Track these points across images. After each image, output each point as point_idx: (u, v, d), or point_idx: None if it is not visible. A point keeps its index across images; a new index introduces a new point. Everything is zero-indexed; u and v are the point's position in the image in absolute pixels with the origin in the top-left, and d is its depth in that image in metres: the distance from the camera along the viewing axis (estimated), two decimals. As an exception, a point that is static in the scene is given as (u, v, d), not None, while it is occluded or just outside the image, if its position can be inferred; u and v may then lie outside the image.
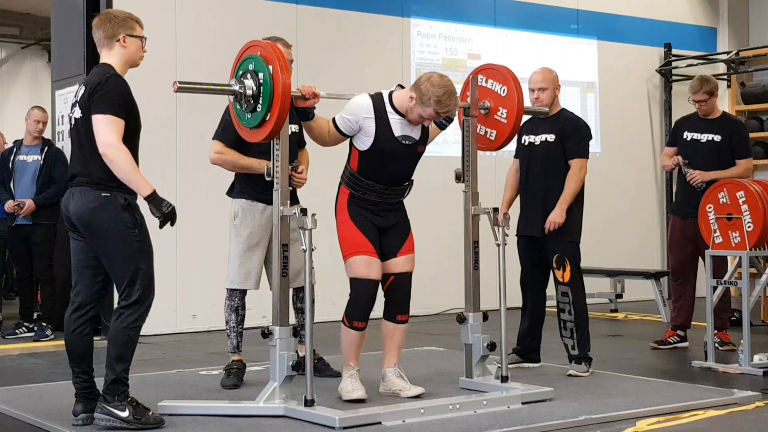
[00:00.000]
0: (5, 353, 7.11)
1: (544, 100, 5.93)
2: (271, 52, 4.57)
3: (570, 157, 5.88)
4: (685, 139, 7.01)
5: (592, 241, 10.56)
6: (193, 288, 8.17)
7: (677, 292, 7.14)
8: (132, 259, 4.40)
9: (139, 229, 4.43)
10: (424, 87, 4.87)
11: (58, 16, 8.69)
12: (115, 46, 4.54)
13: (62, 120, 8.35)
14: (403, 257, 5.16)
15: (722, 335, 6.87)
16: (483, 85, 5.59)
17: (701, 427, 4.58)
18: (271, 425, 4.52)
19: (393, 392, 5.11)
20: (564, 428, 4.53)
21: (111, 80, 4.44)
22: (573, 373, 5.75)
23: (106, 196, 4.38)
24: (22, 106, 14.17)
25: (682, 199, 7.00)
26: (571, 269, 5.82)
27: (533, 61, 9.79)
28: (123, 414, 4.33)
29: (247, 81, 4.62)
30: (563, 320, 5.87)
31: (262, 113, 4.58)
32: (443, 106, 4.87)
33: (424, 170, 9.20)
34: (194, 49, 8.11)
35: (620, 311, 9.42)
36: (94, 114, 4.39)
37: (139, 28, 4.60)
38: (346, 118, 5.00)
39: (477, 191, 5.47)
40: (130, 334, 4.41)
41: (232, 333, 5.53)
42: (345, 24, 9.17)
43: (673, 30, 11.47)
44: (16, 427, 4.72)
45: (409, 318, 5.22)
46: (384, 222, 5.13)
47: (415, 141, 5.09)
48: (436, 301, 9.27)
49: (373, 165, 5.02)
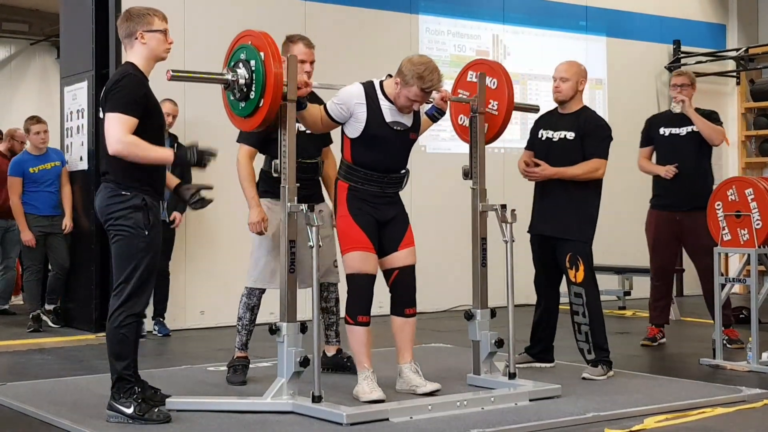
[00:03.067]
0: (13, 349, 7.13)
1: (563, 91, 5.82)
2: (263, 40, 4.61)
3: (589, 157, 5.73)
4: (663, 134, 7.02)
5: (600, 239, 10.49)
6: (201, 285, 8.19)
7: (659, 292, 7.14)
8: (133, 258, 4.46)
9: (150, 231, 4.48)
10: (405, 68, 4.96)
11: (67, 13, 8.71)
12: (135, 44, 4.60)
13: (71, 116, 8.37)
14: (404, 251, 5.18)
15: (730, 332, 6.85)
16: (474, 81, 5.58)
17: (709, 425, 4.57)
18: (278, 421, 4.53)
19: (410, 388, 5.09)
20: (572, 425, 4.52)
21: (124, 80, 4.49)
22: (587, 376, 5.58)
23: (125, 195, 4.47)
24: (32, 102, 14.27)
25: (665, 192, 6.99)
26: (585, 269, 5.71)
27: (542, 57, 9.83)
28: (128, 410, 4.42)
29: (239, 70, 4.66)
30: (577, 323, 5.72)
31: (255, 100, 4.62)
32: (426, 81, 4.92)
33: (431, 166, 9.28)
34: (202, 44, 8.10)
35: (628, 308, 9.41)
36: (106, 113, 4.46)
37: (158, 21, 4.60)
38: (338, 104, 5.05)
39: (485, 188, 5.47)
40: (124, 332, 4.45)
41: (243, 330, 5.54)
42: (353, 20, 9.16)
43: (682, 27, 11.44)
44: (24, 422, 4.73)
45: (416, 311, 5.22)
46: (383, 215, 5.14)
47: (407, 127, 5.13)
48: (443, 297, 9.26)
49: (367, 152, 5.05)
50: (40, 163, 8.22)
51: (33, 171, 8.20)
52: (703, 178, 6.96)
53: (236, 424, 4.49)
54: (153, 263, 4.53)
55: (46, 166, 8.23)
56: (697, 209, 6.68)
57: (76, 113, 8.27)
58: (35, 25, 15.30)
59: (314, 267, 4.64)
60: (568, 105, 5.87)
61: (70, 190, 8.24)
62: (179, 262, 8.04)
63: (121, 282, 4.48)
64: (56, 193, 8.24)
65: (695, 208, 6.73)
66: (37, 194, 8.19)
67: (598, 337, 5.69)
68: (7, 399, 5.11)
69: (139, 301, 4.51)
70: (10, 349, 7.11)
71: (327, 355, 5.84)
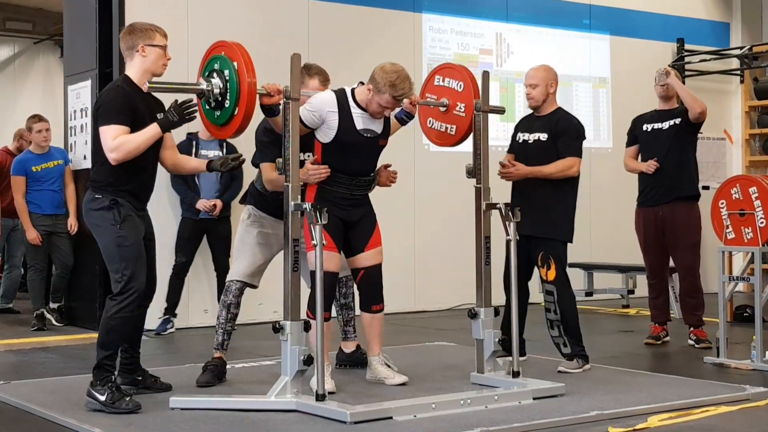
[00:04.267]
0: (18, 347, 7.15)
1: (535, 96, 5.95)
2: (235, 50, 4.69)
3: (562, 156, 5.83)
4: (645, 130, 7.05)
5: (604, 237, 10.59)
6: (204, 283, 8.19)
7: (655, 290, 7.17)
8: (115, 254, 4.75)
9: (122, 226, 4.74)
10: (378, 75, 5.09)
11: (71, 12, 8.71)
12: (135, 57, 4.87)
13: (74, 115, 8.38)
14: (371, 251, 5.36)
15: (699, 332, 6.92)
16: (441, 85, 5.70)
17: (713, 423, 4.57)
18: (282, 420, 4.54)
19: (378, 380, 5.32)
20: (575, 424, 4.52)
21: (110, 93, 4.82)
22: (563, 369, 5.71)
23: (98, 198, 4.81)
24: (35, 101, 14.29)
25: (647, 188, 7.01)
26: (556, 268, 5.79)
27: (545, 56, 9.79)
28: (101, 398, 4.65)
29: (213, 80, 4.74)
30: (549, 319, 5.85)
31: (230, 109, 4.68)
32: (398, 89, 5.06)
33: (434, 164, 9.29)
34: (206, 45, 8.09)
35: (632, 307, 9.41)
36: (99, 128, 4.76)
37: (159, 37, 4.91)
38: (310, 111, 5.15)
39: (488, 186, 5.47)
40: (113, 324, 4.70)
41: (220, 329, 5.48)
42: (357, 19, 9.16)
43: (686, 25, 11.43)
44: (28, 420, 4.74)
45: (383, 306, 5.40)
46: (350, 216, 5.28)
47: (376, 135, 5.28)
48: (447, 296, 9.27)
49: (337, 157, 5.19)
50: (43, 161, 8.22)
51: (36, 169, 8.19)
52: (687, 170, 6.97)
53: (240, 422, 4.50)
54: (136, 260, 4.74)
55: (48, 164, 8.23)
56: (678, 200, 6.82)
57: (80, 112, 8.28)
58: (39, 24, 15.33)
59: (317, 265, 4.65)
60: (542, 108, 6.00)
61: (74, 188, 8.23)
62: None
63: (113, 278, 4.77)
64: (59, 191, 8.24)
65: (676, 199, 6.85)
66: (40, 193, 8.19)
67: (572, 332, 5.81)
68: (11, 397, 5.12)
69: (129, 293, 4.70)
70: (15, 348, 7.13)
71: (345, 352, 5.86)
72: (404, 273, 9.09)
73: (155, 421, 4.55)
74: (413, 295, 9.29)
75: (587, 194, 10.09)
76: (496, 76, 9.65)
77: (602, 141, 10.66)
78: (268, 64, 5.43)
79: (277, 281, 5.41)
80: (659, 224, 6.97)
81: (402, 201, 8.88)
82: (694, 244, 6.93)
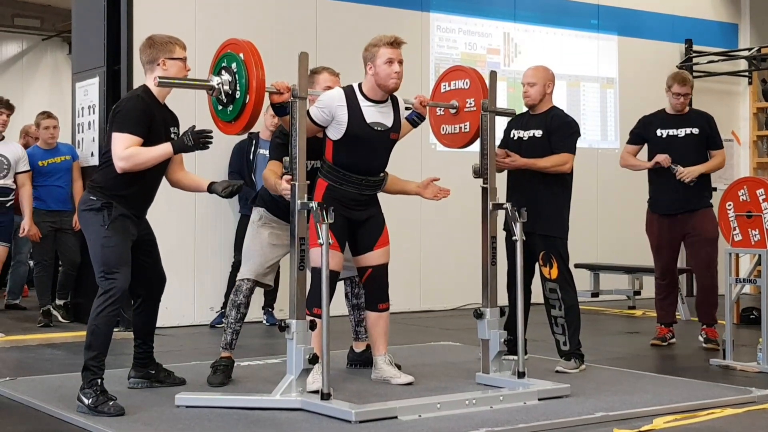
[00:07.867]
0: (24, 343, 7.16)
1: (532, 95, 5.96)
2: (245, 47, 4.70)
3: (555, 151, 5.83)
4: (660, 136, 7.00)
5: (611, 238, 10.57)
6: (210, 280, 8.20)
7: (665, 291, 7.15)
8: (98, 255, 4.77)
9: (109, 227, 4.77)
10: (365, 50, 5.24)
11: (79, 9, 8.72)
12: (156, 70, 4.93)
13: (82, 112, 8.39)
14: (379, 251, 5.36)
15: (710, 332, 6.91)
16: (448, 90, 5.73)
17: (718, 426, 4.56)
18: (287, 418, 4.54)
19: (384, 379, 5.32)
20: (580, 425, 4.52)
21: (130, 101, 4.85)
22: (561, 369, 5.72)
23: (92, 200, 4.86)
24: (43, 97, 14.31)
25: (663, 196, 7.00)
26: (558, 266, 5.79)
27: (553, 56, 9.80)
28: (86, 401, 4.64)
29: (223, 76, 4.75)
30: (554, 316, 5.84)
31: (241, 99, 4.68)
32: (387, 37, 5.19)
33: (441, 164, 9.27)
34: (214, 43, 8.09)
35: (638, 308, 9.39)
36: (112, 133, 4.80)
37: (179, 50, 4.97)
38: (320, 108, 5.17)
39: (495, 186, 5.47)
40: (97, 323, 4.70)
41: (229, 329, 5.47)
42: (364, 18, 9.15)
43: (694, 26, 11.40)
44: (34, 417, 4.75)
45: (389, 306, 5.39)
46: (358, 216, 5.28)
47: (387, 128, 5.28)
48: (453, 296, 9.27)
49: (348, 153, 5.19)
50: (50, 156, 8.23)
51: (42, 164, 8.19)
52: (705, 180, 6.97)
53: (245, 420, 4.50)
54: (119, 262, 4.74)
55: (55, 159, 8.23)
56: (697, 209, 6.87)
57: (88, 109, 8.29)
58: (47, 21, 15.34)
59: (323, 264, 4.64)
60: (538, 107, 6.00)
61: (81, 185, 8.21)
62: (188, 258, 8.06)
63: (96, 276, 4.79)
64: (66, 187, 8.22)
65: (696, 209, 6.89)
66: (46, 188, 8.17)
67: (574, 329, 5.81)
68: (17, 393, 5.13)
69: (110, 293, 4.70)
70: (21, 344, 7.14)
71: (355, 352, 5.86)
72: (410, 272, 9.09)
73: (160, 417, 4.56)
74: (419, 294, 9.29)
75: (594, 194, 10.10)
76: (504, 76, 9.64)
77: (609, 142, 10.65)
78: (277, 63, 5.46)
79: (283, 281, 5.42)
80: (676, 230, 6.95)
81: (408, 200, 8.86)
82: (713, 240, 6.92)
